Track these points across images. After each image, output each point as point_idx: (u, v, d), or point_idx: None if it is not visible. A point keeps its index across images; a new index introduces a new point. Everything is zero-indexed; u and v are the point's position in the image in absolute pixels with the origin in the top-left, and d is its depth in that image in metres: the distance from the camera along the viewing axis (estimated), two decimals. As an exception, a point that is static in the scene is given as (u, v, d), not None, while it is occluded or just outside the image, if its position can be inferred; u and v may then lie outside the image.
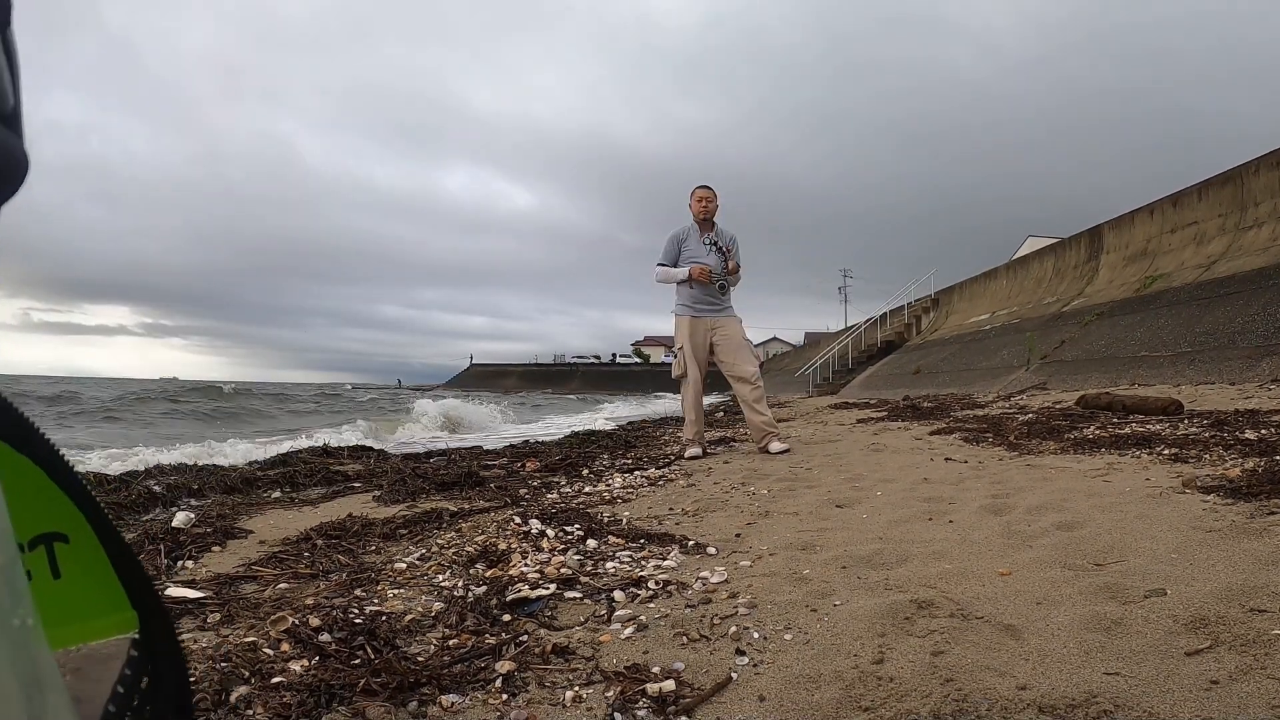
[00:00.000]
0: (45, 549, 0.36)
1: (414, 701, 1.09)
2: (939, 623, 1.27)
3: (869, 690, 1.05)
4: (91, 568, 0.38)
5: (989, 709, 0.97)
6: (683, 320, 4.29)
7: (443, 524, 2.44)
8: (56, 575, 0.37)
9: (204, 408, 14.63)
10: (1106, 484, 2.40)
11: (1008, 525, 1.95)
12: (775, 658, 1.20)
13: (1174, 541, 1.64)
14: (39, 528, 0.36)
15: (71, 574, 0.37)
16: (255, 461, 4.73)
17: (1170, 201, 9.82)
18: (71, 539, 0.37)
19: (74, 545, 0.37)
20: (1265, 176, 8.18)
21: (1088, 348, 8.80)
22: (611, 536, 2.07)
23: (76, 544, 0.37)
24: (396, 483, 3.38)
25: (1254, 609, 1.20)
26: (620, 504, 2.75)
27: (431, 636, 1.37)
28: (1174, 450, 2.88)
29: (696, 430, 4.29)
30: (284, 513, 2.85)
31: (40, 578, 0.36)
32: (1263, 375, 5.43)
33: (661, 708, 1.05)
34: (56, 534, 0.37)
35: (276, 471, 3.94)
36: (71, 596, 0.37)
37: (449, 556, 1.95)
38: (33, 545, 0.36)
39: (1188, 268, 8.81)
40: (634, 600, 1.53)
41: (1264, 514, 1.77)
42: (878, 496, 2.55)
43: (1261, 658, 1.03)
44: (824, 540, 1.96)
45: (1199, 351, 6.66)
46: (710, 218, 4.31)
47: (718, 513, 2.47)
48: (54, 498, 0.36)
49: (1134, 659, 1.08)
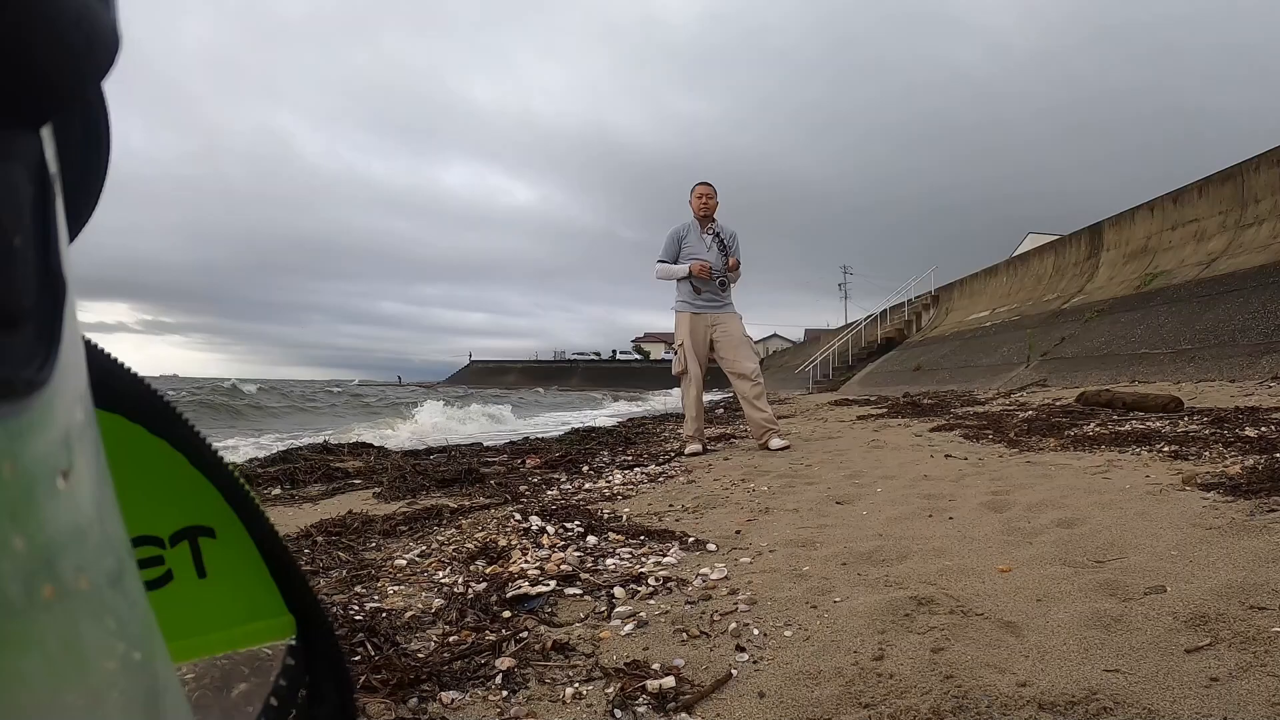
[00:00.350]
0: (189, 545, 0.33)
1: (414, 698, 1.09)
2: (939, 619, 1.27)
3: (869, 687, 1.05)
4: (242, 566, 0.34)
5: (989, 706, 0.97)
6: (683, 317, 4.29)
7: (443, 521, 2.44)
8: (202, 574, 0.33)
9: (269, 401, 15.32)
10: (1106, 481, 2.40)
11: (1008, 522, 1.95)
12: (775, 654, 1.20)
13: (1174, 538, 1.64)
14: (182, 521, 0.33)
15: (219, 572, 0.34)
16: (255, 459, 4.73)
17: (1171, 199, 9.81)
18: (219, 533, 0.34)
19: (222, 540, 0.34)
20: (1266, 174, 8.17)
21: (1088, 345, 8.80)
22: (611, 533, 2.07)
23: (225, 539, 0.34)
24: (397, 479, 3.38)
25: (1254, 606, 1.20)
26: (620, 500, 2.75)
27: (432, 633, 1.37)
28: (1174, 447, 2.89)
29: (697, 427, 4.29)
30: (284, 509, 2.85)
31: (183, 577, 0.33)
32: (1263, 372, 5.43)
33: (661, 704, 1.05)
34: (202, 528, 0.33)
35: (277, 468, 3.94)
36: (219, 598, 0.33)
37: (449, 553, 1.95)
38: (175, 540, 0.33)
39: (1188, 265, 8.80)
40: (634, 597, 1.53)
41: (1264, 511, 1.77)
42: (878, 493, 2.56)
43: (1261, 655, 1.03)
44: (824, 537, 1.96)
45: (1199, 349, 6.65)
46: (710, 214, 4.31)
47: (718, 509, 2.47)
48: (198, 487, 0.32)
49: (1134, 656, 1.08)
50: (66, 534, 0.18)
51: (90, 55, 0.19)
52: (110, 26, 0.20)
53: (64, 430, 0.19)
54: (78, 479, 0.19)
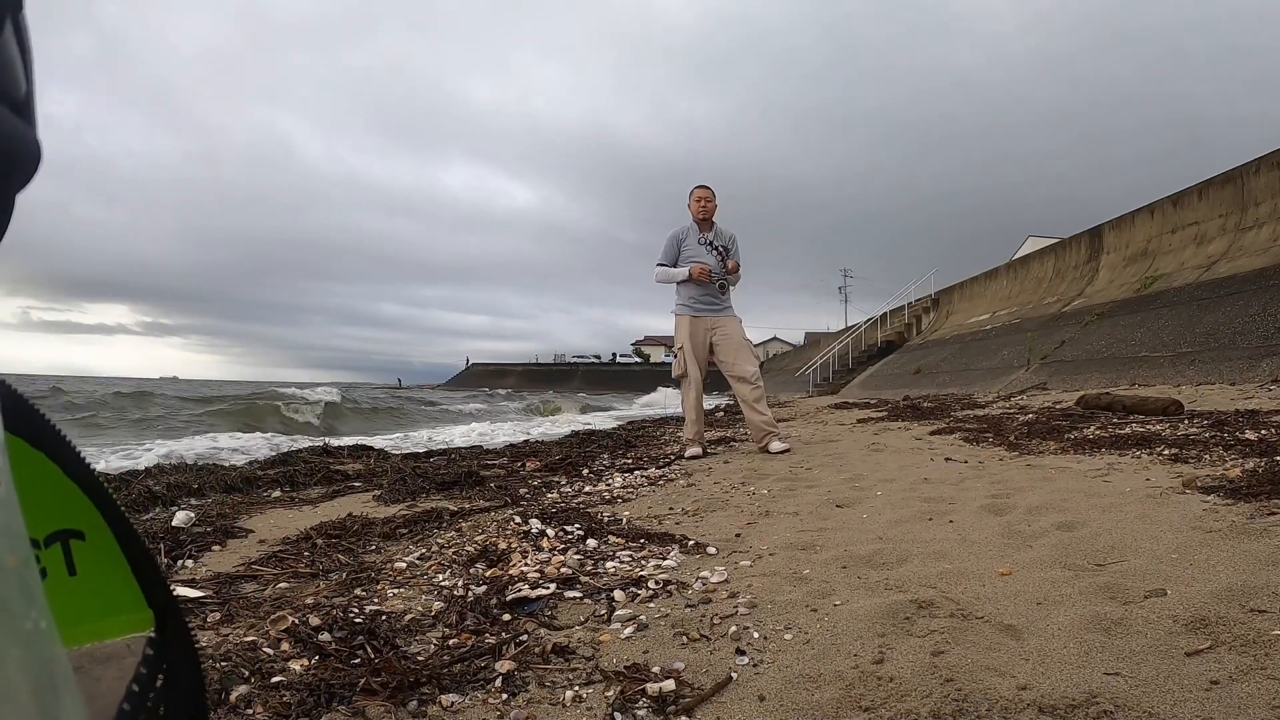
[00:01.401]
0: (61, 546, 0.36)
1: (414, 701, 1.09)
2: (939, 623, 1.27)
3: (869, 690, 1.05)
4: (107, 565, 0.37)
5: (989, 709, 0.97)
6: (682, 320, 4.29)
7: (443, 523, 2.44)
8: (73, 572, 0.36)
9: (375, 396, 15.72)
10: (1107, 484, 2.40)
11: (1008, 525, 1.95)
12: (775, 657, 1.20)
13: (1174, 542, 1.64)
14: (55, 524, 0.36)
15: (87, 571, 0.37)
16: (255, 461, 4.73)
17: (1171, 201, 9.82)
18: (88, 536, 0.37)
19: (90, 542, 0.37)
20: (1265, 176, 8.18)
21: (1088, 348, 8.80)
22: (611, 536, 2.07)
23: (93, 541, 0.37)
24: (397, 482, 3.38)
25: (1254, 609, 1.20)
26: (620, 503, 2.75)
27: (431, 636, 1.37)
28: (1174, 450, 2.88)
29: (696, 430, 4.29)
30: (284, 512, 2.85)
31: (56, 575, 0.36)
32: (1263, 375, 5.43)
33: (661, 707, 1.05)
34: (73, 531, 0.36)
35: (276, 471, 3.94)
36: (87, 594, 0.37)
37: (449, 556, 1.95)
38: (49, 542, 0.36)
39: (1188, 268, 8.80)
40: (634, 600, 1.53)
41: (1264, 514, 1.77)
42: (878, 496, 2.55)
43: (1261, 658, 1.03)
44: (824, 540, 1.96)
45: (1199, 352, 6.65)
46: (709, 217, 4.32)
47: (718, 512, 2.47)
48: (70, 494, 0.36)
49: (1134, 659, 1.08)
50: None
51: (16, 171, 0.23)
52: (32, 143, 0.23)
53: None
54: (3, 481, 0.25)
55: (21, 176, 0.23)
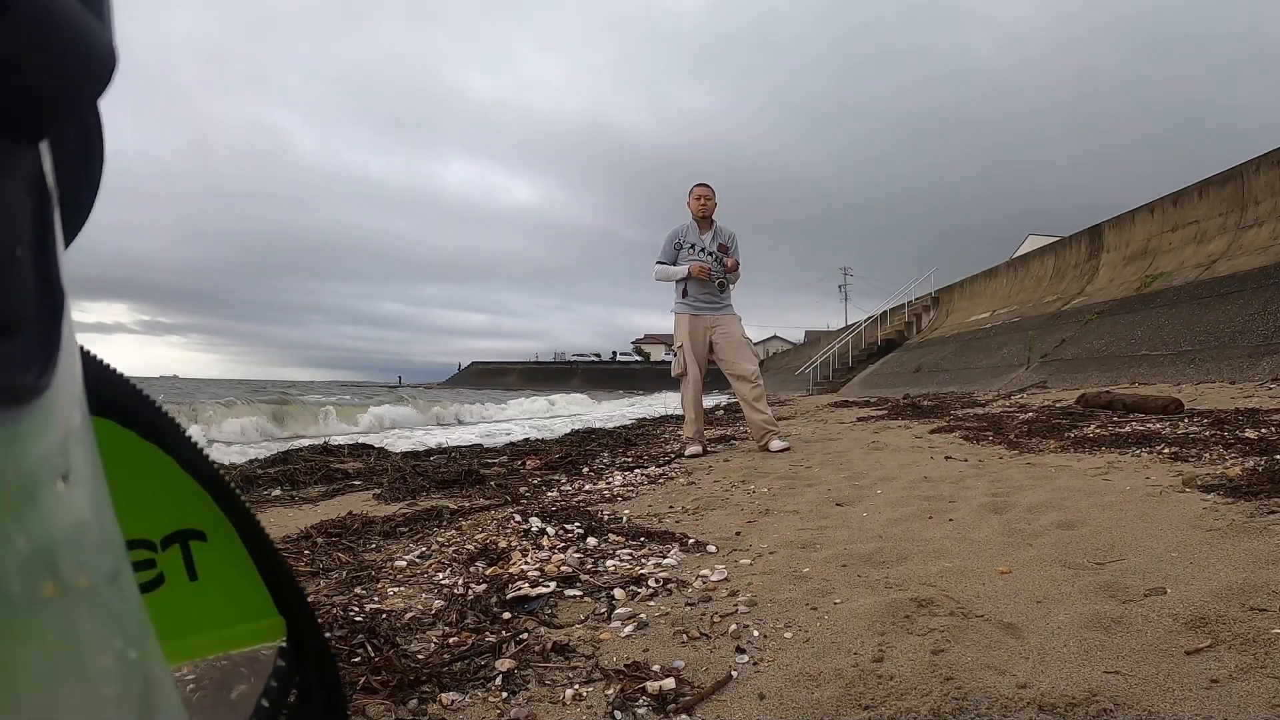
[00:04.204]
0: (180, 548, 0.33)
1: (414, 699, 1.09)
2: (939, 621, 1.27)
3: (869, 688, 1.05)
4: (232, 568, 0.34)
5: (989, 707, 0.97)
6: (682, 318, 4.29)
7: (443, 522, 2.44)
8: (193, 576, 0.33)
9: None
10: (1107, 483, 2.40)
11: (1008, 524, 1.95)
12: (775, 656, 1.20)
13: (1174, 540, 1.64)
14: (173, 524, 0.33)
15: (210, 575, 0.34)
16: (255, 460, 4.73)
17: (1171, 200, 9.81)
18: (210, 536, 0.34)
19: (213, 544, 0.34)
20: (1266, 175, 8.18)
21: (1088, 346, 8.80)
22: (611, 534, 2.07)
23: (215, 542, 0.34)
24: (397, 481, 3.38)
25: (1254, 608, 1.20)
26: (620, 502, 2.75)
27: (432, 634, 1.37)
28: (1174, 449, 2.88)
29: (696, 428, 4.29)
30: (284, 510, 2.85)
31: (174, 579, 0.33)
32: (1263, 374, 5.43)
33: (662, 706, 1.05)
34: (193, 531, 0.33)
35: (276, 469, 3.94)
36: (210, 600, 0.34)
37: (449, 554, 1.95)
38: (166, 544, 0.33)
39: (1188, 267, 8.80)
40: (634, 598, 1.53)
41: (1264, 513, 1.77)
42: (878, 495, 2.55)
43: (1261, 656, 1.03)
44: (824, 538, 1.96)
45: (1199, 350, 6.65)
46: (709, 215, 4.32)
47: (718, 511, 2.47)
48: (188, 490, 0.33)
49: (1134, 658, 1.08)
50: (66, 533, 0.19)
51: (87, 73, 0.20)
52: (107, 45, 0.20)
53: (63, 434, 0.20)
54: (76, 481, 0.20)
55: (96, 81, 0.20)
